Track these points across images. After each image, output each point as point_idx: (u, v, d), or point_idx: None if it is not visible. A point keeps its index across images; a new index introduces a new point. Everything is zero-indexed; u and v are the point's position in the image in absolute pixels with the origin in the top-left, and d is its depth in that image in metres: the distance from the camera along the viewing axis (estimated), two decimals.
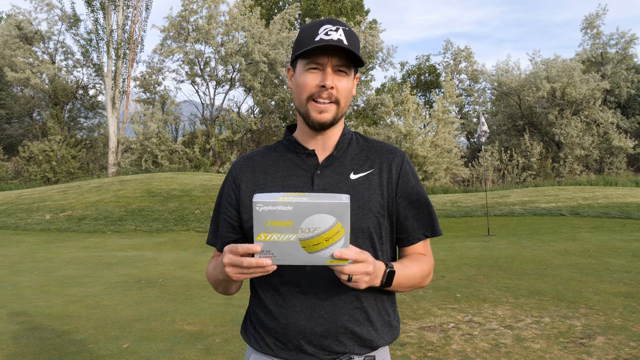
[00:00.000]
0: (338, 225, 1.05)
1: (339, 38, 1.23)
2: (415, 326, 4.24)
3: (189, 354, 3.72)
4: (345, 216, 1.05)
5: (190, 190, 14.55)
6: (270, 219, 1.04)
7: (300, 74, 1.27)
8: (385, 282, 1.21)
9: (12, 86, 27.35)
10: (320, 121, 1.27)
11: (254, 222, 1.05)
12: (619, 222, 10.83)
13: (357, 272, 1.11)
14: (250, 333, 1.35)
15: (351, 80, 1.29)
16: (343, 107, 1.29)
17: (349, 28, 1.27)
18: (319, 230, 1.05)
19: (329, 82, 1.23)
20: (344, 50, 1.22)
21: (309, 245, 1.06)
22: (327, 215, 1.04)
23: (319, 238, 1.06)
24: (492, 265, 6.72)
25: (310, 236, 1.05)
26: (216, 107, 25.89)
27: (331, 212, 1.04)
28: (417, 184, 1.36)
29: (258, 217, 1.04)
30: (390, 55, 25.96)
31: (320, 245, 1.06)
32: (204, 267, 7.05)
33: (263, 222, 1.04)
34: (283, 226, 1.04)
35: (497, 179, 24.70)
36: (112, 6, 24.83)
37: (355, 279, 1.12)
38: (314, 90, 1.25)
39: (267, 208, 1.04)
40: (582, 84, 25.54)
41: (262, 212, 1.04)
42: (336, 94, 1.25)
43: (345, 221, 1.06)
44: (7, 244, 9.51)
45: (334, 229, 1.05)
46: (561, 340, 3.83)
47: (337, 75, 1.26)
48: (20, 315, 4.75)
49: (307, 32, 1.26)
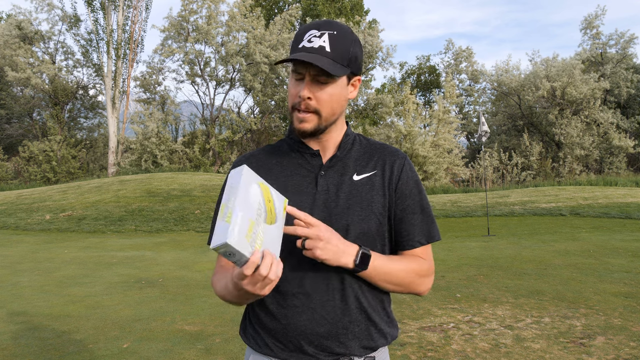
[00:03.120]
0: (261, 185, 1.11)
1: (321, 45, 1.19)
2: (415, 326, 4.24)
3: (189, 354, 3.72)
4: (253, 175, 1.10)
5: (190, 190, 14.55)
6: (242, 235, 1.00)
7: (290, 80, 1.27)
8: (359, 262, 1.19)
9: (12, 86, 27.35)
10: (300, 130, 1.26)
11: (240, 252, 0.99)
12: (619, 222, 10.83)
13: (308, 235, 1.13)
14: (249, 333, 1.35)
15: (340, 85, 1.25)
16: (327, 116, 1.25)
17: (339, 31, 1.22)
18: (260, 201, 1.08)
19: (304, 93, 1.21)
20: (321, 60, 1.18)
21: (270, 217, 1.10)
22: (249, 186, 1.07)
23: (267, 205, 1.09)
24: (492, 265, 6.72)
25: (264, 210, 1.08)
26: (216, 107, 25.90)
27: (246, 181, 1.07)
28: (419, 188, 1.35)
29: (239, 248, 0.99)
30: (390, 55, 25.97)
31: (273, 209, 1.10)
32: (204, 267, 7.05)
33: (243, 244, 1.00)
34: (253, 229, 1.04)
35: (497, 179, 24.70)
36: (112, 6, 24.83)
37: (308, 244, 1.14)
38: (295, 99, 1.24)
39: (233, 235, 0.98)
40: (582, 83, 25.55)
41: (235, 242, 0.98)
42: (315, 105, 1.22)
43: (260, 179, 1.12)
44: (7, 244, 9.51)
45: (262, 189, 1.10)
46: (561, 340, 3.83)
47: (315, 85, 1.22)
48: (20, 315, 4.75)
49: (296, 37, 1.25)
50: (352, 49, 1.24)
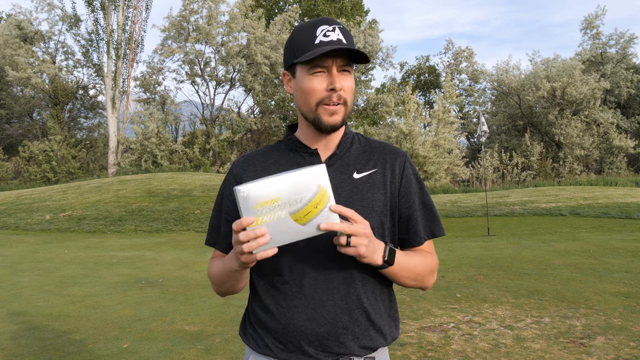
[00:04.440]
0: (322, 189, 1.07)
1: (339, 38, 1.22)
2: (415, 326, 4.24)
3: (189, 354, 3.71)
4: (325, 179, 1.07)
5: (190, 191, 14.55)
6: (257, 201, 1.04)
7: (303, 79, 1.25)
8: (387, 258, 1.20)
9: (12, 86, 27.35)
10: (332, 123, 1.26)
11: (242, 210, 1.04)
12: (619, 222, 10.83)
13: (355, 232, 1.10)
14: (249, 334, 1.35)
15: (353, 77, 1.29)
16: (349, 107, 1.28)
17: (343, 26, 1.26)
18: (306, 199, 1.06)
19: (338, 85, 1.22)
20: (348, 50, 1.21)
21: (301, 217, 1.07)
22: (309, 182, 1.06)
23: (309, 207, 1.06)
24: (492, 265, 6.72)
25: (300, 207, 1.06)
26: (216, 107, 25.90)
27: (312, 178, 1.06)
28: (421, 185, 1.37)
29: (244, 203, 1.04)
30: (390, 56, 25.99)
31: (311, 214, 1.07)
32: (204, 267, 7.05)
33: (250, 206, 1.04)
34: (271, 205, 1.04)
35: (497, 179, 24.70)
36: (112, 6, 24.83)
37: (354, 241, 1.11)
38: (323, 94, 1.24)
39: (251, 192, 1.03)
40: (582, 84, 25.55)
41: (247, 196, 1.03)
42: (344, 95, 1.25)
43: (327, 184, 1.07)
44: (7, 244, 9.51)
45: (319, 194, 1.06)
46: (561, 340, 3.83)
47: (342, 75, 1.25)
48: (20, 315, 4.75)
49: (304, 35, 1.24)
50: (354, 42, 1.29)
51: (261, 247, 1.07)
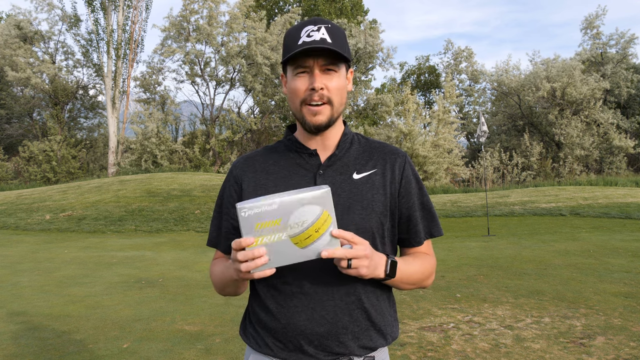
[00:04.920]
0: (325, 214, 1.06)
1: (322, 37, 1.22)
2: (415, 326, 4.24)
3: (189, 354, 3.72)
4: (329, 203, 1.06)
5: (190, 191, 14.55)
6: (258, 222, 1.03)
7: (290, 80, 1.27)
8: (389, 271, 1.20)
9: (12, 86, 27.35)
10: (316, 124, 1.26)
11: (242, 229, 1.04)
12: (619, 222, 10.83)
13: (356, 255, 1.10)
14: (249, 333, 1.35)
15: (343, 76, 1.28)
16: (337, 106, 1.28)
17: (332, 25, 1.26)
18: (307, 223, 1.05)
19: (317, 84, 1.23)
20: (327, 49, 1.21)
21: (301, 240, 1.06)
22: (312, 206, 1.05)
23: (309, 230, 1.06)
24: (492, 265, 6.72)
25: (300, 230, 1.05)
26: (216, 107, 25.89)
27: (316, 202, 1.04)
28: (420, 185, 1.37)
29: (245, 222, 1.03)
30: (390, 56, 25.99)
31: (311, 238, 1.06)
32: (204, 267, 7.05)
33: (251, 226, 1.03)
34: (272, 226, 1.04)
35: (497, 179, 24.70)
36: (112, 6, 24.83)
37: (355, 264, 1.11)
38: (305, 94, 1.25)
39: (253, 211, 1.03)
40: (582, 84, 25.54)
41: (248, 216, 1.03)
42: (328, 94, 1.25)
43: (331, 208, 1.06)
44: (7, 244, 9.51)
45: (321, 219, 1.06)
46: (561, 340, 3.83)
47: (325, 75, 1.25)
48: (20, 315, 4.75)
49: (291, 36, 1.26)
50: (345, 40, 1.29)
51: (259, 267, 1.07)
